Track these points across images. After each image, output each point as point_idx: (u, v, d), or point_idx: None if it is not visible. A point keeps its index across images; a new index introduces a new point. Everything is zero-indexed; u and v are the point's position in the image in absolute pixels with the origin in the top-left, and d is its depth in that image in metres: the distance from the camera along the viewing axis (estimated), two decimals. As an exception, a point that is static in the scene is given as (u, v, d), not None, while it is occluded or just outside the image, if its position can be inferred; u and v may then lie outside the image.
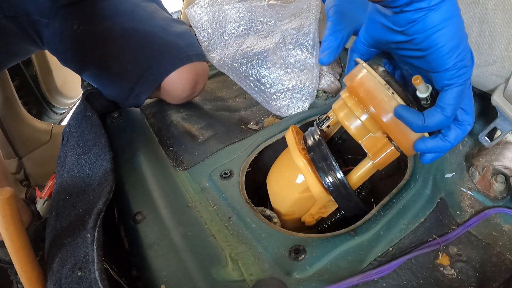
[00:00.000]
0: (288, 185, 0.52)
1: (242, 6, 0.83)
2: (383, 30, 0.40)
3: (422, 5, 0.35)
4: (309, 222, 0.54)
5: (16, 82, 1.19)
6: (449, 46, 0.36)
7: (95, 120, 0.70)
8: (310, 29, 0.77)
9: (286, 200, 0.53)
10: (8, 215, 0.43)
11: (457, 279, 0.44)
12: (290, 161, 0.51)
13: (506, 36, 0.47)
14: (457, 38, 0.36)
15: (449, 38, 0.36)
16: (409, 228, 0.48)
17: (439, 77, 0.38)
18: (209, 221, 0.53)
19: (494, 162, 0.52)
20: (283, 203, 0.54)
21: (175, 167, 0.64)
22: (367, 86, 0.41)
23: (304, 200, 0.51)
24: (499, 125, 0.51)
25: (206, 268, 0.46)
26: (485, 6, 0.47)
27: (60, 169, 0.65)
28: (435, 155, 0.42)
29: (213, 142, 0.68)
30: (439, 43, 0.36)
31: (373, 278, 0.43)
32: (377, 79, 0.41)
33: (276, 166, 0.56)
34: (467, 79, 0.37)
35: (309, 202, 0.52)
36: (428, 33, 0.36)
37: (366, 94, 0.42)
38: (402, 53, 0.41)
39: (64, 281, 0.44)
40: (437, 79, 0.38)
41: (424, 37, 0.36)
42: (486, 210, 0.50)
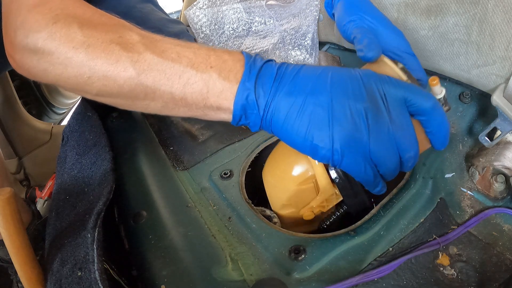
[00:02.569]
0: (286, 177, 0.51)
1: (240, 7, 0.83)
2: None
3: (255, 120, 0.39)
4: (307, 216, 0.52)
5: (16, 82, 1.19)
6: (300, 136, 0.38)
7: (95, 120, 0.70)
8: (309, 29, 0.77)
9: (284, 192, 0.51)
10: (8, 215, 0.43)
11: (457, 279, 0.44)
12: (289, 151, 0.50)
13: (506, 36, 0.47)
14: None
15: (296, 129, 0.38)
16: (409, 228, 0.48)
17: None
18: (209, 221, 0.53)
19: (494, 162, 0.52)
20: (280, 196, 0.52)
21: (175, 167, 0.64)
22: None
23: (303, 193, 0.50)
24: (499, 125, 0.51)
25: (206, 268, 0.46)
26: (485, 6, 0.47)
27: (60, 169, 0.65)
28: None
29: (213, 142, 0.68)
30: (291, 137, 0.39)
31: (373, 278, 0.43)
32: (399, 74, 0.40)
33: (272, 157, 0.54)
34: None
35: (307, 195, 0.50)
36: (281, 136, 0.39)
37: None
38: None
39: (64, 281, 0.44)
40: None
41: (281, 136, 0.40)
42: (486, 210, 0.50)
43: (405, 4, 0.55)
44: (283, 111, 0.38)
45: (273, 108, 0.38)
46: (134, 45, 0.39)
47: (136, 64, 0.38)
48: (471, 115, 0.58)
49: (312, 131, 0.37)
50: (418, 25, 0.55)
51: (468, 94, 0.57)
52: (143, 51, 0.38)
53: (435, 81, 0.38)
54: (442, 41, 0.53)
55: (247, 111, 0.39)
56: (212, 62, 0.39)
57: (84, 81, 0.39)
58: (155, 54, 0.39)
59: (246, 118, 0.40)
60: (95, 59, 0.38)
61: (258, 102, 0.38)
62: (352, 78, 0.37)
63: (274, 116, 0.38)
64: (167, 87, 0.39)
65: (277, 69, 0.39)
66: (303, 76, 0.38)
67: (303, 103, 0.37)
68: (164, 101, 0.40)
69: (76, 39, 0.38)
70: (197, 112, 0.41)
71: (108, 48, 0.38)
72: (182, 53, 0.39)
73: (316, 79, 0.38)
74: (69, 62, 0.38)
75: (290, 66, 0.40)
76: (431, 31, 0.54)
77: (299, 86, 0.38)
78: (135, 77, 0.38)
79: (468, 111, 0.58)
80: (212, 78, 0.38)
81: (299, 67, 0.39)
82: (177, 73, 0.38)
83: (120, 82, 0.38)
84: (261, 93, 0.38)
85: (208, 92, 0.39)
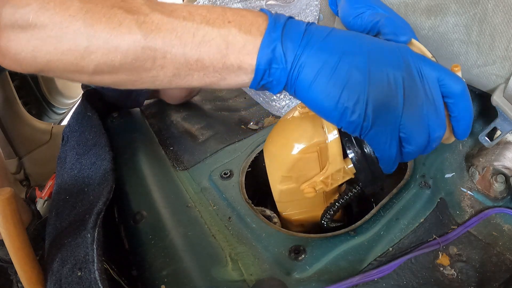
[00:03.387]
0: (288, 144, 0.46)
1: (240, 7, 0.83)
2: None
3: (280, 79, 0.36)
4: (308, 192, 0.47)
5: (16, 82, 1.19)
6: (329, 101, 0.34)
7: (95, 120, 0.70)
8: (310, 29, 0.77)
9: (284, 162, 0.47)
10: (8, 215, 0.43)
11: (457, 279, 0.44)
12: (295, 118, 0.47)
13: (506, 36, 0.47)
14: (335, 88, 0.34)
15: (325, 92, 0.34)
16: (409, 228, 0.48)
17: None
18: (209, 221, 0.53)
19: (494, 162, 0.52)
20: (280, 167, 0.48)
21: (175, 167, 0.64)
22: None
23: (305, 163, 0.46)
24: (499, 125, 0.51)
25: (206, 268, 0.46)
26: (485, 6, 0.47)
27: (60, 169, 0.65)
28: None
29: (213, 142, 0.68)
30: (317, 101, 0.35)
31: (373, 278, 0.43)
32: (430, 58, 0.38)
33: (275, 128, 0.50)
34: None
35: (310, 166, 0.47)
36: (306, 97, 0.36)
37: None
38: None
39: (64, 281, 0.44)
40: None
41: (306, 100, 0.36)
42: (486, 210, 0.50)
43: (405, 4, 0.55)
44: (314, 69, 0.34)
45: (302, 64, 0.34)
46: (140, 8, 0.34)
47: (143, 25, 0.34)
48: (471, 115, 0.58)
49: (345, 92, 0.33)
50: (418, 25, 0.55)
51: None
52: (150, 12, 0.34)
53: (457, 68, 0.37)
54: (442, 41, 0.53)
55: (272, 66, 0.35)
56: (230, 17, 0.35)
57: (80, 55, 0.34)
58: (163, 14, 0.34)
59: (269, 75, 0.36)
60: (94, 25, 0.33)
61: (286, 55, 0.34)
62: (390, 47, 0.35)
63: (302, 73, 0.34)
64: (179, 48, 0.34)
65: (306, 26, 0.36)
66: (336, 36, 0.35)
67: (338, 62, 0.34)
68: (176, 67, 0.35)
69: (73, 6, 0.33)
70: (214, 76, 0.37)
71: (110, 12, 0.34)
72: (194, 11, 0.35)
73: (352, 39, 0.35)
74: (64, 33, 0.33)
75: (319, 26, 0.36)
76: (431, 31, 0.54)
77: (333, 44, 0.34)
78: (141, 39, 0.34)
79: (468, 111, 0.58)
80: (231, 33, 0.35)
81: (330, 28, 0.36)
82: (190, 31, 0.34)
83: (123, 48, 0.34)
84: (289, 45, 0.34)
85: (227, 49, 0.35)
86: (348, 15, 0.47)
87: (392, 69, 0.34)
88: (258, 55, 0.35)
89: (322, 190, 0.47)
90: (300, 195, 0.49)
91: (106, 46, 0.34)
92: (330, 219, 0.51)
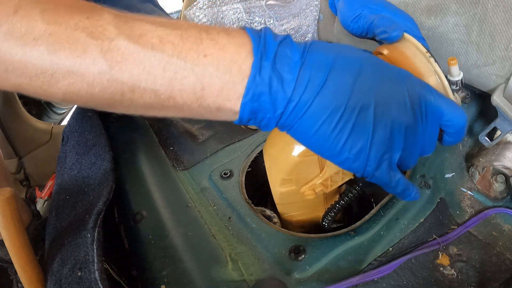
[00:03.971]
0: (288, 147, 0.46)
1: (240, 7, 0.83)
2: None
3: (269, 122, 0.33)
4: (308, 194, 0.48)
5: (16, 82, 1.19)
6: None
7: (95, 120, 0.70)
8: (309, 29, 0.77)
9: (284, 165, 0.46)
10: (8, 215, 0.43)
11: (457, 279, 0.44)
12: None
13: (506, 36, 0.47)
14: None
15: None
16: (409, 228, 0.48)
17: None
18: (209, 221, 0.53)
19: (494, 162, 0.52)
20: (280, 169, 0.48)
21: (175, 167, 0.64)
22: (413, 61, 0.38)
23: (305, 166, 0.46)
24: (499, 125, 0.50)
25: (206, 268, 0.46)
26: (485, 6, 0.47)
27: (60, 169, 0.65)
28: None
29: (213, 142, 0.68)
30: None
31: (373, 278, 0.43)
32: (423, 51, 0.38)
33: (275, 131, 0.48)
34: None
35: (310, 169, 0.46)
36: (302, 142, 0.34)
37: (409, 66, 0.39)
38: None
39: (64, 281, 0.44)
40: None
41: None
42: (486, 210, 0.50)
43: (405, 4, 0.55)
44: (316, 118, 0.31)
45: (298, 113, 0.31)
46: (105, 28, 0.30)
47: (107, 54, 0.30)
48: (471, 115, 0.58)
49: (348, 144, 0.32)
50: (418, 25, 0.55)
51: (468, 94, 0.57)
52: (115, 36, 0.30)
53: (453, 61, 0.36)
54: (442, 41, 0.53)
55: (257, 114, 0.32)
56: (206, 48, 0.30)
57: (47, 81, 0.31)
58: (130, 40, 0.30)
59: (255, 121, 0.33)
60: (57, 51, 0.30)
61: (275, 102, 0.30)
62: (398, 86, 0.33)
63: (301, 123, 0.31)
64: (148, 84, 0.30)
65: (301, 58, 0.31)
66: (340, 73, 0.31)
67: (343, 111, 0.31)
68: (147, 102, 0.32)
69: (37, 27, 0.30)
70: (190, 113, 0.33)
71: (73, 35, 0.30)
72: (165, 37, 0.31)
73: (357, 77, 0.31)
74: (28, 58, 0.30)
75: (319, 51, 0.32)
76: (431, 31, 0.54)
77: (337, 86, 0.31)
78: (106, 71, 0.30)
79: (468, 111, 0.58)
80: (207, 73, 0.30)
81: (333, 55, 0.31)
82: (160, 65, 0.30)
83: (89, 79, 0.30)
84: (280, 91, 0.30)
85: (203, 90, 0.31)
86: (346, 18, 0.46)
87: (398, 117, 0.32)
88: (241, 105, 0.31)
89: (322, 192, 0.47)
90: (301, 197, 0.49)
91: (71, 74, 0.30)
92: (331, 221, 0.51)
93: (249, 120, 0.33)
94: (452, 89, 0.39)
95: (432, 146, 0.37)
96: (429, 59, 0.38)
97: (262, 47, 0.30)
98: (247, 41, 0.31)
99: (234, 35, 0.31)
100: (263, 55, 0.30)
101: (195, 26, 0.32)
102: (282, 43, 0.31)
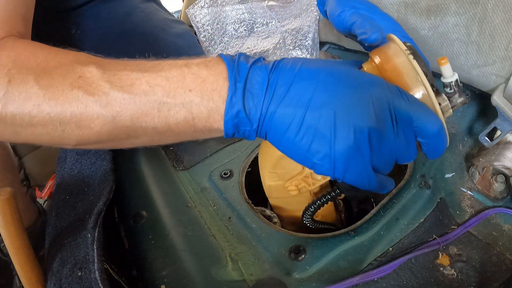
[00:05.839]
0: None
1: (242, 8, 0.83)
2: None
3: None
4: (292, 190, 0.49)
5: (16, 82, 1.19)
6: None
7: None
8: (309, 29, 0.77)
9: (271, 158, 0.48)
10: (8, 215, 0.43)
11: (457, 279, 0.44)
12: None
13: (506, 36, 0.47)
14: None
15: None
16: (409, 228, 0.48)
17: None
18: (209, 221, 0.53)
19: (494, 162, 0.52)
20: (268, 161, 0.49)
21: (175, 167, 0.64)
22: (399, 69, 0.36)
23: (288, 161, 0.47)
24: (499, 125, 0.50)
25: (206, 268, 0.46)
26: (485, 6, 0.47)
27: (60, 169, 0.65)
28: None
29: (213, 142, 0.68)
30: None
31: (373, 278, 0.43)
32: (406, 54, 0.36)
33: None
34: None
35: (292, 165, 0.48)
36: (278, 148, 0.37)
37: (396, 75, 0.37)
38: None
39: (64, 281, 0.44)
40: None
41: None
42: (486, 210, 0.50)
43: (405, 4, 0.55)
44: (281, 126, 0.34)
45: (268, 122, 0.35)
46: (98, 85, 0.35)
47: (107, 107, 0.34)
48: (471, 115, 0.58)
49: (312, 149, 0.34)
50: (418, 25, 0.55)
51: (468, 94, 0.57)
52: (109, 90, 0.34)
53: (443, 60, 0.35)
54: (442, 41, 0.53)
55: (239, 128, 0.36)
56: (190, 84, 0.35)
57: (59, 135, 0.36)
58: (123, 92, 0.34)
59: (239, 134, 0.37)
60: (62, 112, 0.34)
61: (250, 117, 0.35)
62: (359, 92, 0.34)
63: (270, 131, 0.35)
64: (148, 123, 0.35)
65: (269, 75, 0.35)
66: (301, 83, 0.34)
67: (303, 117, 0.34)
68: (149, 136, 0.37)
69: (35, 94, 0.34)
70: (187, 137, 0.38)
71: (71, 95, 0.34)
72: (153, 83, 0.35)
73: (316, 86, 0.34)
74: (36, 121, 0.35)
75: (284, 67, 0.36)
76: (431, 31, 0.54)
77: (297, 96, 0.34)
78: (110, 121, 0.35)
79: (468, 111, 0.58)
80: (194, 104, 0.35)
81: (296, 69, 0.35)
82: (155, 107, 0.35)
83: (96, 129, 0.35)
84: (252, 107, 0.35)
85: (194, 119, 0.36)
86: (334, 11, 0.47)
87: (359, 121, 0.33)
88: (224, 123, 0.35)
89: (305, 189, 0.48)
90: (286, 192, 0.50)
91: (80, 128, 0.35)
92: (311, 218, 0.51)
93: (234, 134, 0.37)
94: (447, 93, 0.37)
95: (410, 153, 0.36)
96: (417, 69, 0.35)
97: (236, 72, 0.35)
98: (223, 69, 0.36)
99: (211, 65, 0.36)
100: (236, 79, 0.35)
101: (175, 64, 0.37)
102: (252, 65, 0.36)
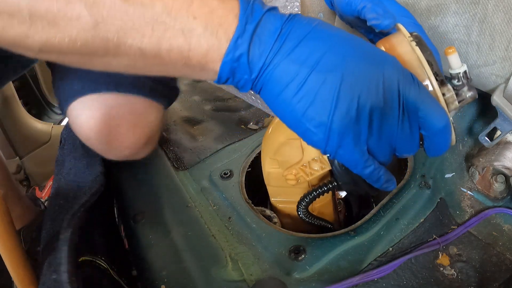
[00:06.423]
0: (278, 130, 0.48)
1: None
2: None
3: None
4: (290, 179, 0.48)
5: (16, 82, 1.19)
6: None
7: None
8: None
9: (273, 143, 0.48)
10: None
11: (457, 279, 0.44)
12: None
13: (506, 36, 0.47)
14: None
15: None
16: (409, 228, 0.48)
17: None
18: (209, 221, 0.53)
19: (494, 162, 0.52)
20: (269, 147, 0.49)
21: (175, 167, 0.64)
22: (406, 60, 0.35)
23: (289, 148, 0.47)
24: (499, 125, 0.50)
25: (206, 268, 0.46)
26: (485, 6, 0.47)
27: (58, 172, 0.64)
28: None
29: (213, 142, 0.68)
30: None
31: (373, 278, 0.43)
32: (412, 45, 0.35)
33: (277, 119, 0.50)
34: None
35: (293, 153, 0.47)
36: (270, 106, 0.34)
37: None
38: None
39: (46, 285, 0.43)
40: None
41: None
42: (486, 210, 0.50)
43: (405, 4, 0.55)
44: (281, 82, 0.31)
45: (268, 75, 0.32)
46: None
47: (93, 8, 0.28)
48: (471, 115, 0.58)
49: (308, 114, 0.32)
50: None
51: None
52: None
53: (451, 50, 0.33)
54: (442, 41, 0.53)
55: (235, 74, 0.33)
56: (196, 10, 0.30)
57: (23, 32, 0.29)
58: None
59: (233, 81, 0.33)
60: (37, 4, 0.28)
61: (251, 64, 0.31)
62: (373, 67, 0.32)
63: (269, 85, 0.32)
64: (135, 41, 0.30)
65: (283, 25, 0.32)
66: (313, 42, 0.31)
67: (306, 78, 0.31)
68: (131, 59, 0.31)
69: None
70: (174, 71, 0.34)
71: None
72: None
73: (328, 49, 0.31)
74: (2, 8, 0.28)
75: (300, 21, 0.32)
76: (431, 31, 0.54)
77: (306, 54, 0.31)
78: (91, 27, 0.29)
79: (468, 111, 0.58)
80: (195, 34, 0.30)
81: (311, 26, 0.32)
82: (149, 24, 0.29)
83: (71, 34, 0.29)
84: (257, 54, 0.31)
85: (189, 51, 0.31)
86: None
87: (365, 96, 0.31)
88: (221, 65, 0.32)
89: (303, 179, 0.48)
90: (285, 181, 0.49)
91: (52, 26, 0.29)
92: (306, 210, 0.50)
93: (227, 80, 0.33)
94: (455, 86, 0.35)
95: (411, 144, 0.34)
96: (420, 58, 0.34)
97: (249, 13, 0.31)
98: (236, 5, 0.32)
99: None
100: (248, 20, 0.31)
101: None
102: (268, 11, 0.32)
